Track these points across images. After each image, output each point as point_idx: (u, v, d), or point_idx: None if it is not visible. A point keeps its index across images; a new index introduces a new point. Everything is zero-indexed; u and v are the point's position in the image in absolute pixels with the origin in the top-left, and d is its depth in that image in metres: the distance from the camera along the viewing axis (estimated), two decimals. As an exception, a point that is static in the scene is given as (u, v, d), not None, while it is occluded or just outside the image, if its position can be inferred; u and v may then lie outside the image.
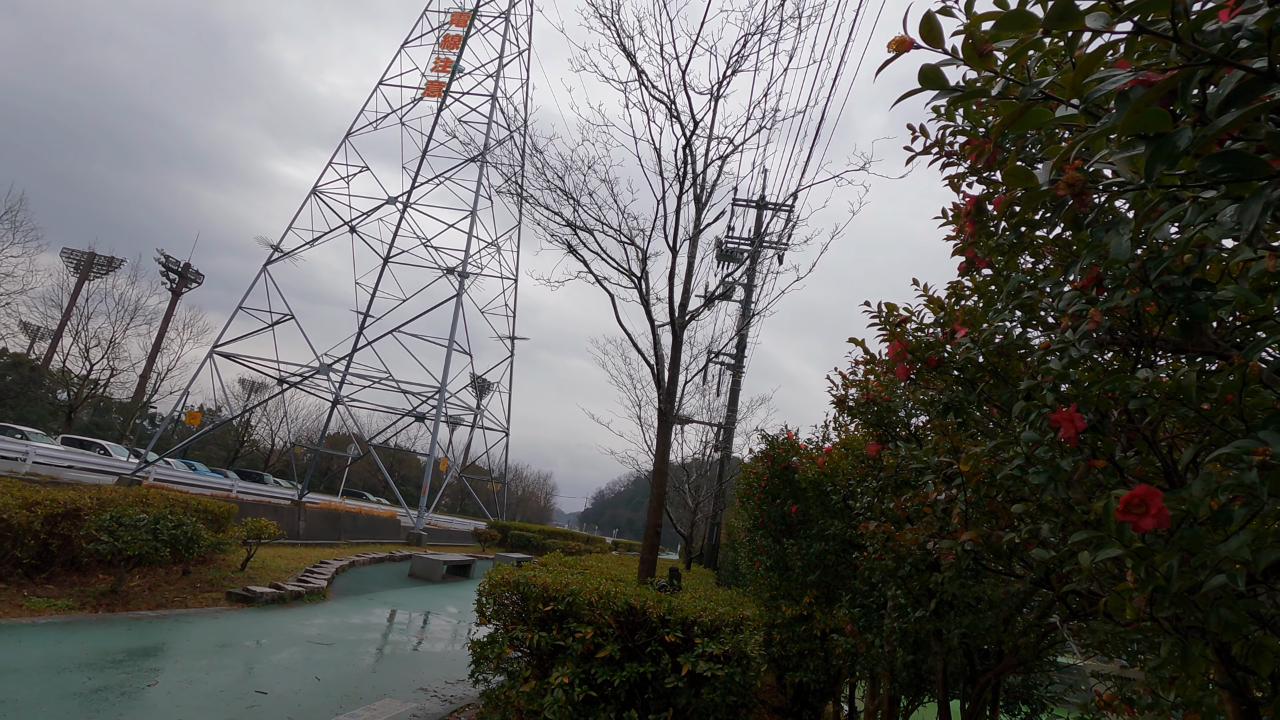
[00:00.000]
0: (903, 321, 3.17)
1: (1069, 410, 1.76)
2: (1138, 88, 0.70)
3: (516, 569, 5.23)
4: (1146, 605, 1.57)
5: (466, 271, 31.88)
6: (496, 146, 8.37)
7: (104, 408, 47.82)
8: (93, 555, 8.98)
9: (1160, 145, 0.69)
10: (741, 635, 4.28)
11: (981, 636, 4.31)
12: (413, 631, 10.75)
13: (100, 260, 47.41)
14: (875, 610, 5.87)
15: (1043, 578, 2.53)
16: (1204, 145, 0.69)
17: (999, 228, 2.69)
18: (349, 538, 22.49)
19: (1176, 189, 0.93)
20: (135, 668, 6.22)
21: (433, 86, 35.62)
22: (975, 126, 2.28)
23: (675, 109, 7.10)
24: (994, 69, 0.91)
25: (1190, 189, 0.91)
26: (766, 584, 8.21)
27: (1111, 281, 1.72)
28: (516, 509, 75.99)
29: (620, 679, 4.09)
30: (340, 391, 30.49)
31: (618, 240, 7.40)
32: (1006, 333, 2.60)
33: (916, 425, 4.99)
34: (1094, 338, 1.75)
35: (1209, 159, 0.69)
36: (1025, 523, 2.18)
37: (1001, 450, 2.31)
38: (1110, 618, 2.62)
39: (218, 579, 11.06)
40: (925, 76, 0.90)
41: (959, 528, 2.55)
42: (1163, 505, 1.42)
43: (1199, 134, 0.68)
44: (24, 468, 17.27)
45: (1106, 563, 2.26)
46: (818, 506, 7.39)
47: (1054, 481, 1.85)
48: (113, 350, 40.31)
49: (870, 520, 4.16)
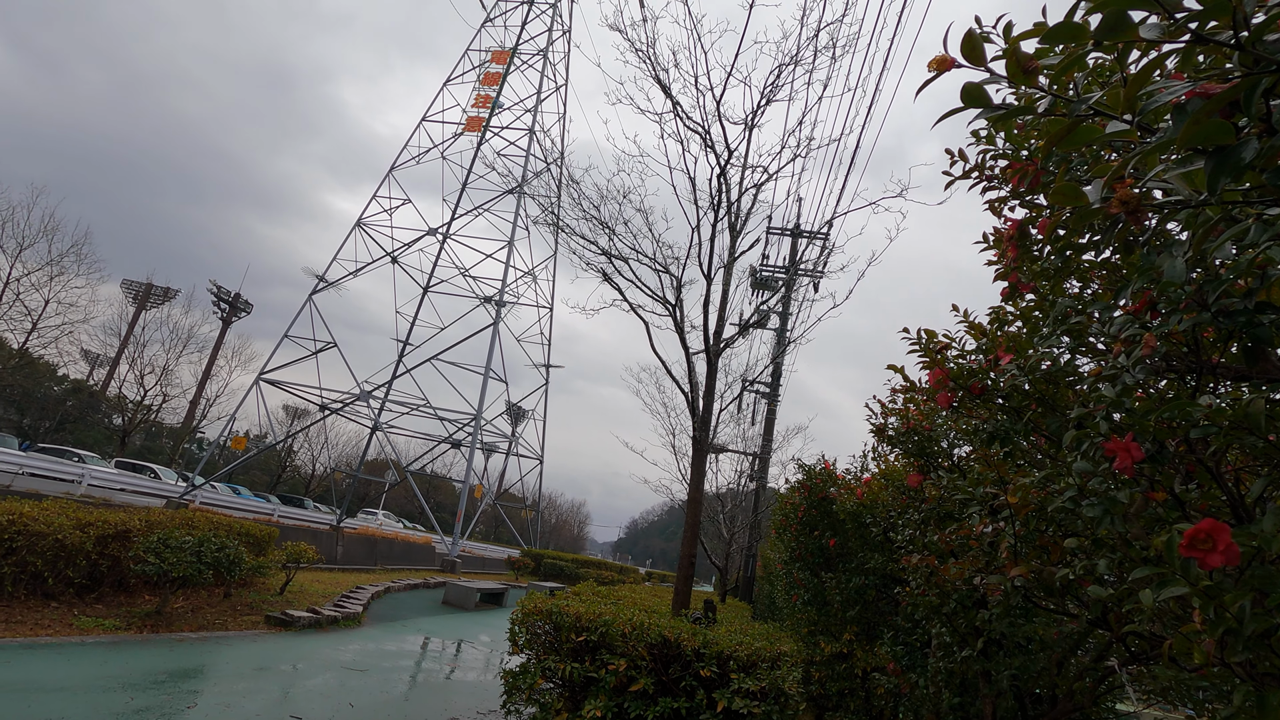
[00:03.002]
0: (943, 348, 3.09)
1: (1125, 440, 1.68)
2: (1196, 99, 0.67)
3: (549, 598, 5.19)
4: (1216, 649, 1.47)
5: (503, 300, 32.39)
6: (534, 178, 8.53)
7: (155, 432, 49.50)
8: (139, 576, 9.22)
9: (1224, 158, 0.66)
10: (779, 671, 4.15)
11: (1033, 680, 4.09)
12: (445, 660, 10.72)
13: (157, 290, 49.52)
14: (919, 649, 5.64)
15: (1099, 617, 2.40)
16: (1271, 158, 0.65)
17: (1043, 252, 2.63)
18: (385, 563, 22.68)
19: (1238, 206, 0.89)
20: (176, 689, 6.31)
21: (473, 122, 36.72)
22: (1017, 149, 2.24)
23: (710, 139, 7.17)
24: (1038, 86, 0.88)
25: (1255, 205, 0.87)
26: (804, 619, 7.97)
27: (1166, 305, 1.66)
28: (550, 537, 75.80)
29: (654, 714, 3.99)
30: (379, 418, 31.04)
31: (652, 268, 7.44)
32: (1054, 359, 2.51)
33: (959, 456, 4.84)
34: (1149, 364, 1.68)
35: (1277, 172, 0.66)
36: (1079, 558, 2.08)
37: (1052, 481, 2.21)
38: (1175, 662, 2.47)
39: (257, 602, 11.24)
40: (968, 95, 0.89)
41: (1007, 562, 2.45)
42: (1231, 541, 1.34)
43: (1266, 145, 0.65)
44: (79, 490, 17.91)
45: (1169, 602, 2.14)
46: (857, 539, 7.19)
47: (1110, 514, 1.76)
48: (165, 377, 41.82)
49: (913, 554, 4.03)
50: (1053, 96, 0.86)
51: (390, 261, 34.75)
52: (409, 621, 13.62)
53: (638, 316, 7.53)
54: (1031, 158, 2.04)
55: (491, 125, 36.38)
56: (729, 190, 7.30)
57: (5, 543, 7.94)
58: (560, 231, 7.79)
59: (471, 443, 30.31)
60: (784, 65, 7.19)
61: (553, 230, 8.08)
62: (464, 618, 16.05)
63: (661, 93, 7.24)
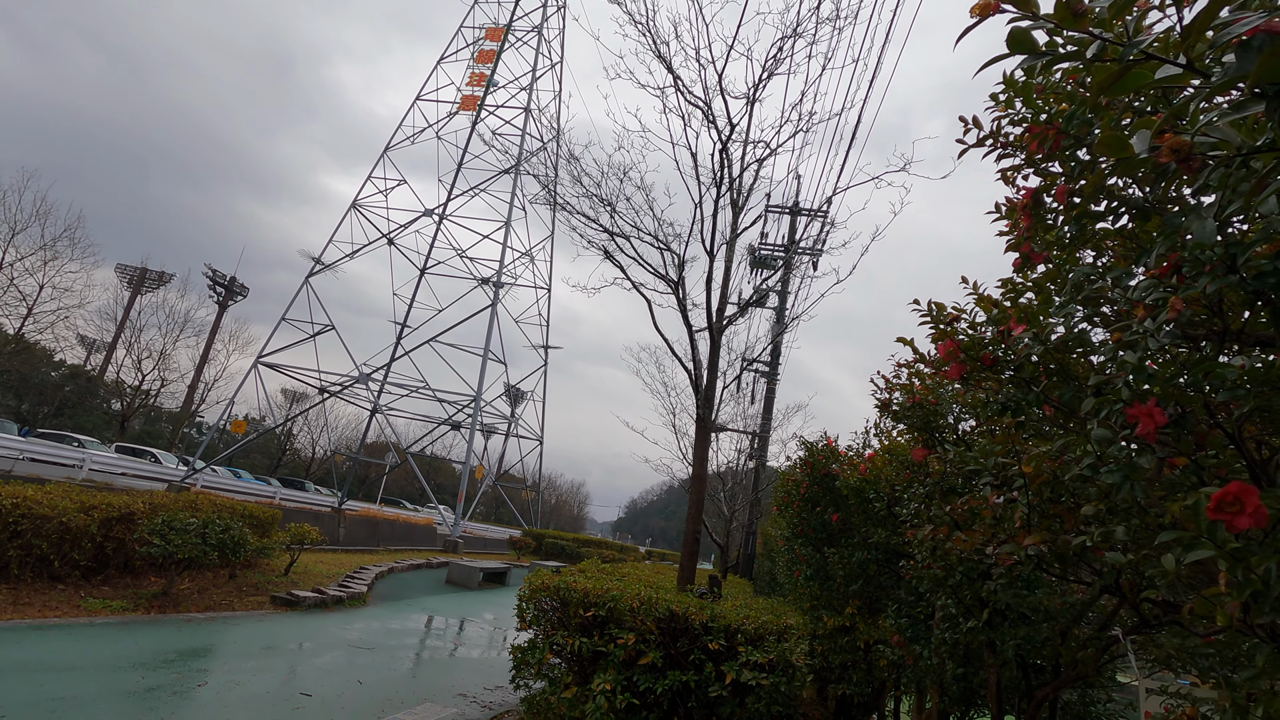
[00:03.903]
0: (953, 320, 3.07)
1: (1148, 405, 1.67)
2: (1263, 35, 0.65)
3: (555, 575, 5.22)
4: (1240, 611, 1.47)
5: (501, 281, 32.26)
6: (531, 157, 8.44)
7: (154, 417, 49.51)
8: (145, 558, 9.26)
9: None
10: (786, 644, 4.19)
11: (1037, 649, 4.14)
12: (450, 637, 10.82)
13: (152, 275, 49.21)
14: (923, 621, 5.70)
15: (1112, 584, 2.41)
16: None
17: (1057, 221, 2.60)
18: (387, 544, 22.82)
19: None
20: (186, 668, 6.37)
21: (468, 100, 36.27)
22: (1036, 114, 2.20)
23: (711, 113, 7.08)
24: (1086, 31, 0.85)
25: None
26: (807, 594, 8.05)
27: (1191, 269, 1.63)
28: (550, 518, 76.32)
29: (662, 687, 4.03)
30: (379, 400, 31.06)
31: (654, 246, 7.39)
32: (1068, 328, 2.49)
33: (965, 430, 4.85)
34: (1174, 328, 1.66)
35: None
36: (1096, 525, 2.07)
37: (1068, 450, 2.20)
38: (1184, 627, 2.48)
39: (263, 583, 11.31)
40: (1015, 40, 0.85)
41: (1020, 532, 2.45)
42: (1260, 503, 1.33)
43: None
44: (80, 474, 17.94)
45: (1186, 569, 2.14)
46: (860, 514, 7.24)
47: (1129, 481, 1.75)
48: (163, 361, 41.78)
49: (919, 527, 4.04)
50: (1102, 41, 0.84)
51: (386, 243, 34.54)
52: (413, 601, 13.73)
53: (640, 295, 7.50)
54: (1052, 121, 2.01)
55: (487, 104, 35.94)
56: (731, 166, 7.23)
57: (10, 526, 7.96)
58: (560, 210, 7.72)
59: (471, 424, 30.36)
60: (786, 38, 7.08)
61: (551, 208, 8.01)
62: (468, 596, 16.19)
63: (662, 66, 7.14)
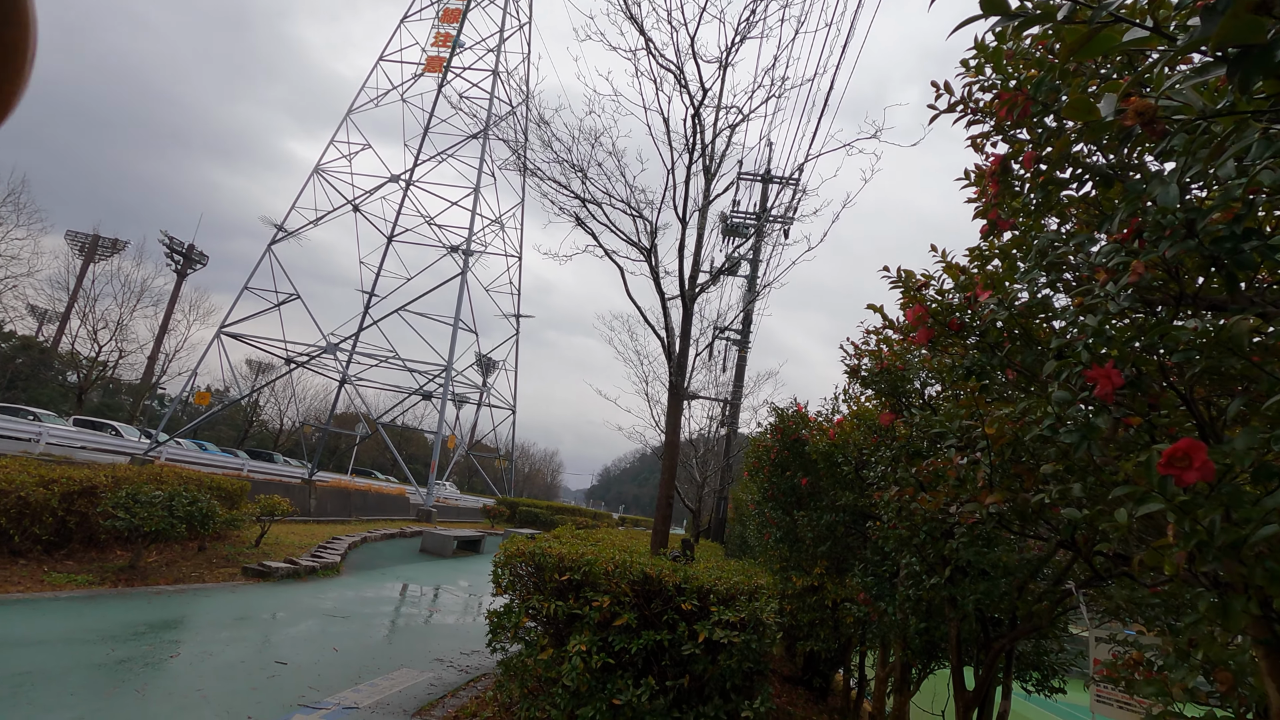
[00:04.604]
0: (922, 286, 3.13)
1: (1106, 367, 1.73)
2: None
3: (530, 541, 5.26)
4: (1187, 561, 1.55)
5: (471, 249, 31.74)
6: (500, 122, 8.24)
7: (113, 389, 48.15)
8: (110, 532, 9.09)
9: (1257, 56, 0.65)
10: (757, 603, 4.30)
11: (995, 604, 4.32)
12: (426, 605, 10.88)
13: (105, 242, 47.39)
14: (888, 579, 5.90)
15: (1068, 539, 2.51)
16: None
17: (1024, 188, 2.64)
18: (360, 515, 22.72)
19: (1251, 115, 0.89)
20: (157, 639, 6.32)
21: (433, 62, 35.13)
22: (1005, 80, 2.21)
23: (684, 78, 6.98)
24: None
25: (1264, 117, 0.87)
26: (776, 555, 8.26)
27: (1152, 233, 1.68)
28: (523, 486, 76.59)
29: (637, 647, 4.12)
30: (347, 371, 30.59)
31: (626, 213, 7.32)
32: (1032, 293, 2.55)
33: (931, 395, 4.97)
34: (1134, 291, 1.71)
35: (1308, 70, 0.65)
36: (1055, 484, 2.16)
37: (1029, 412, 2.27)
38: (1134, 579, 2.62)
39: (233, 555, 11.21)
40: (988, 1, 0.86)
41: (983, 491, 2.54)
42: (1207, 459, 1.39)
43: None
44: (37, 448, 17.44)
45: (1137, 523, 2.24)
46: (828, 478, 7.41)
47: (1087, 440, 1.82)
48: (120, 332, 40.44)
49: (886, 488, 4.16)
50: (1073, 3, 0.84)
51: (352, 210, 33.67)
52: (388, 569, 13.74)
53: (612, 262, 7.45)
54: (1020, 87, 2.02)
55: (453, 66, 34.89)
56: (703, 132, 7.16)
57: (-35, 501, 7.73)
58: (530, 176, 7.59)
59: (443, 394, 30.14)
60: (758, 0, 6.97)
61: (521, 174, 7.87)
62: (442, 564, 16.26)
63: (634, 28, 6.99)
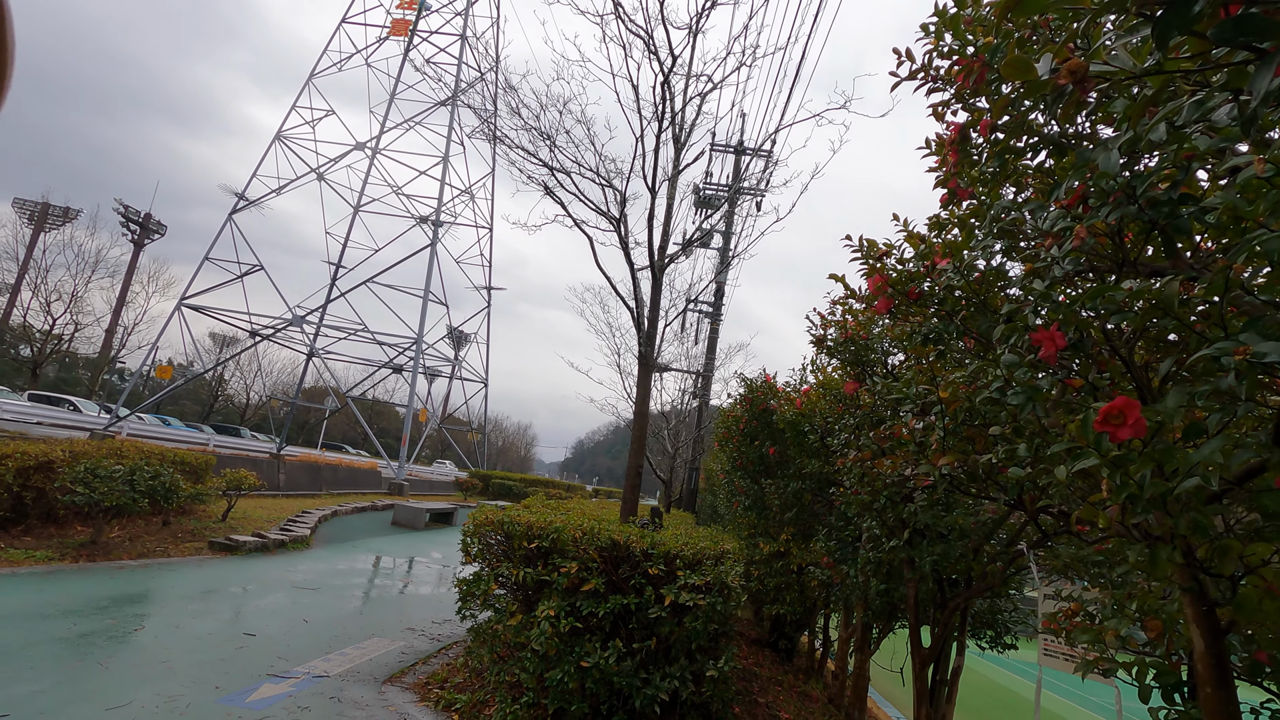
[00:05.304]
0: (883, 255, 3.17)
1: (1051, 329, 1.78)
2: (1148, -44, 0.68)
3: (499, 510, 5.29)
4: (1119, 514, 1.62)
5: (440, 220, 31.16)
6: (468, 88, 8.05)
7: (70, 363, 46.66)
8: (69, 508, 8.90)
9: (1174, 11, 0.67)
10: (723, 567, 4.39)
11: (951, 565, 4.48)
12: (398, 576, 10.90)
13: (56, 210, 45.41)
14: (851, 543, 6.07)
15: (1016, 499, 2.61)
16: (1216, 12, 0.66)
17: (982, 157, 2.68)
18: (330, 489, 22.53)
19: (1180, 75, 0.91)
20: (121, 613, 6.24)
21: (398, 25, 33.99)
22: (964, 46, 2.23)
23: (653, 43, 6.87)
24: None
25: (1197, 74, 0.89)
26: (745, 523, 8.44)
27: (1096, 199, 1.72)
28: (497, 459, 76.52)
29: (605, 610, 4.19)
30: (315, 344, 30.04)
31: (596, 182, 7.25)
32: (988, 260, 2.60)
33: (894, 364, 5.07)
34: (1078, 255, 1.76)
35: (1223, 25, 0.67)
36: (1002, 445, 2.23)
37: (980, 376, 2.34)
38: (1077, 536, 2.73)
39: (199, 529, 11.06)
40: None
41: (936, 454, 2.61)
42: (1140, 415, 1.45)
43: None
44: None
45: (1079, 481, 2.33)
46: (795, 447, 7.54)
47: (1032, 401, 1.88)
48: (75, 304, 39.04)
49: (849, 452, 4.25)
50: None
51: (316, 179, 32.74)
52: (359, 542, 13.70)
53: (581, 232, 7.39)
54: (978, 54, 2.04)
55: (419, 30, 33.82)
56: (673, 99, 7.08)
57: (-87, 477, 7.49)
58: (499, 143, 7.45)
59: (413, 367, 29.80)
60: (730, -35, 6.87)
61: (490, 142, 7.72)
62: (415, 536, 16.25)
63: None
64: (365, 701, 4.91)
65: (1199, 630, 1.84)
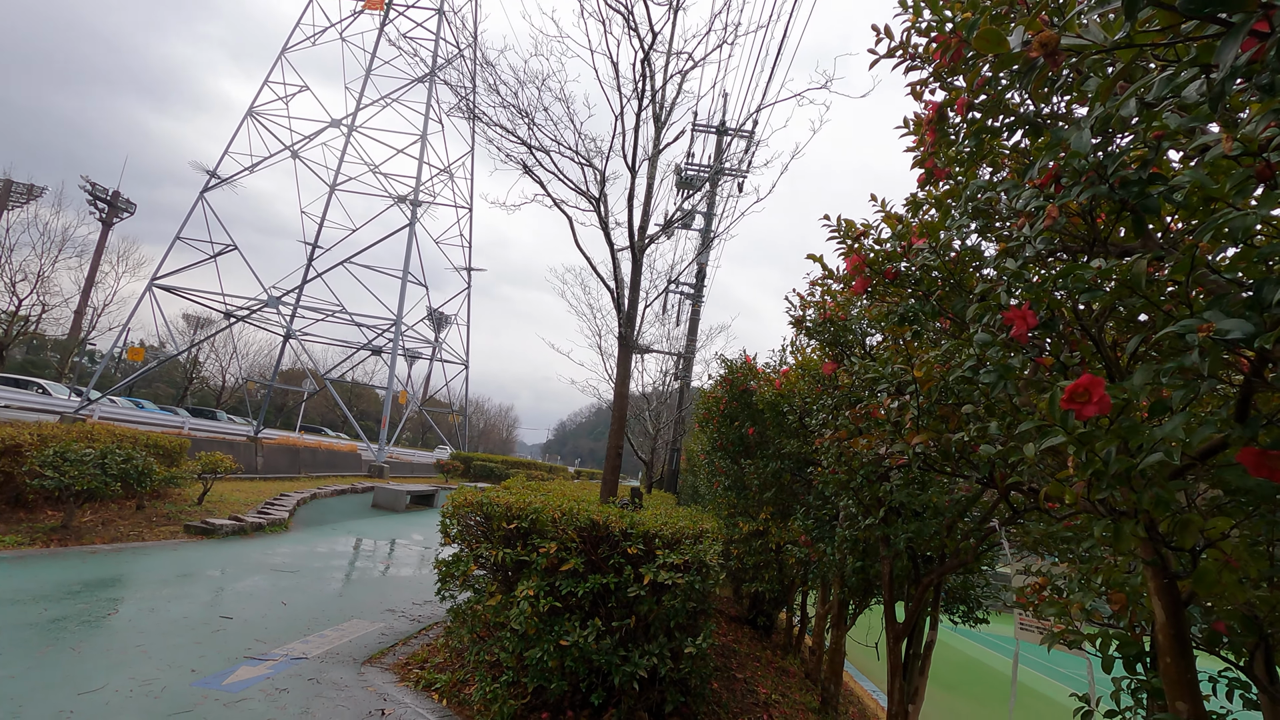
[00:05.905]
0: (860, 235, 3.16)
1: (1022, 309, 1.79)
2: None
3: (479, 491, 5.27)
4: (1085, 491, 1.64)
5: (419, 200, 30.69)
6: (446, 65, 7.89)
7: (38, 345, 45.57)
8: (38, 492, 8.73)
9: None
10: (701, 546, 4.43)
11: (926, 542, 4.56)
12: (378, 558, 10.86)
13: (19, 188, 44.09)
14: (828, 522, 6.15)
15: (987, 476, 2.65)
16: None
17: (959, 136, 2.67)
18: (309, 472, 22.34)
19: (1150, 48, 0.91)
20: (94, 598, 6.16)
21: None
22: (942, 23, 2.21)
23: (633, 19, 6.76)
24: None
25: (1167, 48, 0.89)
26: (725, 503, 8.51)
27: (1069, 179, 1.73)
28: (479, 441, 76.34)
29: (584, 590, 4.21)
30: (292, 325, 29.58)
31: (575, 161, 7.16)
32: (963, 239, 2.61)
33: (872, 345, 5.11)
34: (1050, 237, 1.77)
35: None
36: (974, 423, 2.25)
37: (954, 355, 2.36)
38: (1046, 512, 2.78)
39: (174, 513, 10.92)
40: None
41: (910, 432, 2.64)
42: (1105, 393, 1.46)
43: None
44: (-45, 407, 16.46)
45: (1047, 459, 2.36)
46: (774, 427, 7.60)
47: (1004, 380, 1.89)
48: (42, 284, 38.00)
49: (826, 432, 4.29)
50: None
51: (291, 156, 32.02)
52: (339, 525, 13.62)
53: (561, 212, 7.31)
54: (955, 30, 2.03)
55: (395, 4, 33.03)
56: (653, 77, 7.00)
57: (-127, 462, 7.28)
58: (477, 121, 7.32)
59: (393, 349, 29.50)
60: (712, -61, 6.76)
61: (469, 120, 7.59)
62: (395, 519, 16.19)
63: (582, -35, 6.71)
64: (344, 682, 4.91)
65: (1160, 602, 1.89)
